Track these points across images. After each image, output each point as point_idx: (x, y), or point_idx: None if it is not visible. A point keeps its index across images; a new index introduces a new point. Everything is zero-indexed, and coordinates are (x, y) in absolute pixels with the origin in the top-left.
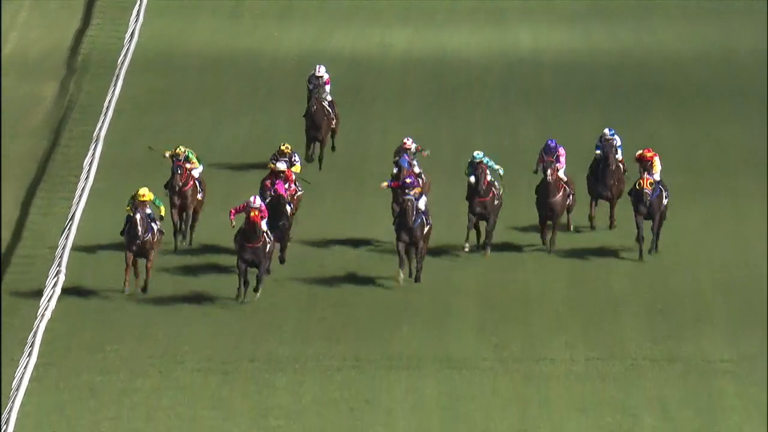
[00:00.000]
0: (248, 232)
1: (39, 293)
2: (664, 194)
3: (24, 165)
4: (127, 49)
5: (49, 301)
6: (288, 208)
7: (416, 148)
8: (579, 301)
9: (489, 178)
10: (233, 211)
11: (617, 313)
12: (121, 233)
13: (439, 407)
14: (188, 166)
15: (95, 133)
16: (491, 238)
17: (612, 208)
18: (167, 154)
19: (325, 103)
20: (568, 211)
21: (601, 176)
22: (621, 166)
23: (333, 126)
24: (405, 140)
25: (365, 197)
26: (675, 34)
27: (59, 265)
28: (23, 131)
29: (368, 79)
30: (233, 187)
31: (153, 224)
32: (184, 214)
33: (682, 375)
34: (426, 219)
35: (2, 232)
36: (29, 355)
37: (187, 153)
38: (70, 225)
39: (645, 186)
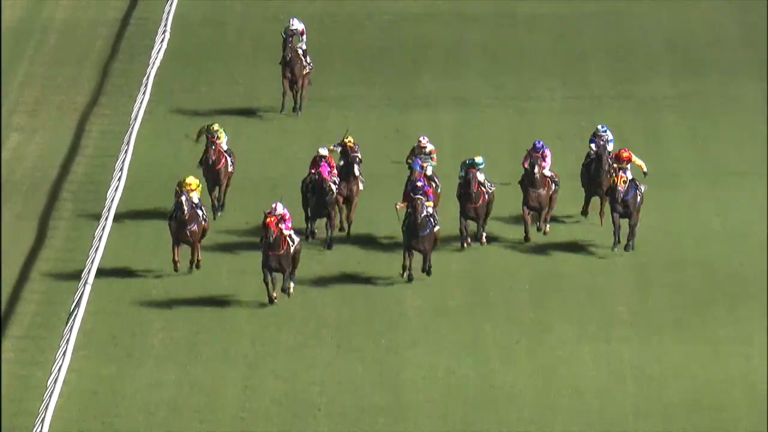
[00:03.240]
0: (266, 239)
1: (148, 54)
2: (639, 193)
3: None
4: None
5: (157, 53)
6: (333, 187)
7: (431, 151)
8: (559, 54)
9: (480, 179)
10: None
11: (586, 62)
12: (169, 219)
13: (451, 135)
14: (218, 142)
15: None
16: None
17: (602, 204)
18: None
19: (300, 52)
20: (550, 207)
21: (594, 175)
22: (611, 163)
23: (306, 72)
24: (420, 139)
25: None
26: None
27: (163, 32)
28: None
29: None
30: None
31: (199, 211)
32: (218, 189)
33: (635, 109)
34: (434, 222)
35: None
36: (143, 92)
37: (219, 131)
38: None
39: (619, 184)
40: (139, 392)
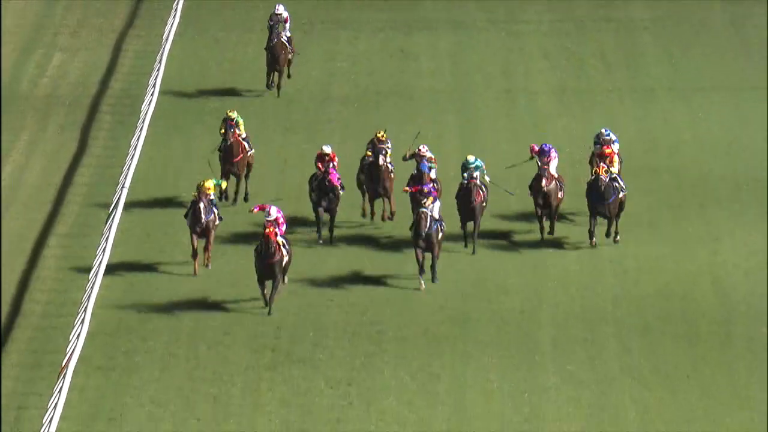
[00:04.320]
0: (266, 249)
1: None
2: (621, 193)
3: None
4: None
5: None
6: (340, 192)
7: (430, 158)
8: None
9: (477, 181)
10: (257, 208)
11: None
12: (185, 216)
13: (449, 55)
14: (238, 131)
15: None
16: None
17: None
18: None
19: (284, 38)
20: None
21: None
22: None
23: (290, 57)
24: (420, 148)
25: None
26: None
27: None
28: None
29: None
30: None
31: (214, 208)
32: (236, 180)
33: (615, 31)
34: (440, 226)
35: None
36: (173, 16)
37: (237, 118)
38: None
39: (601, 173)
40: (171, 283)
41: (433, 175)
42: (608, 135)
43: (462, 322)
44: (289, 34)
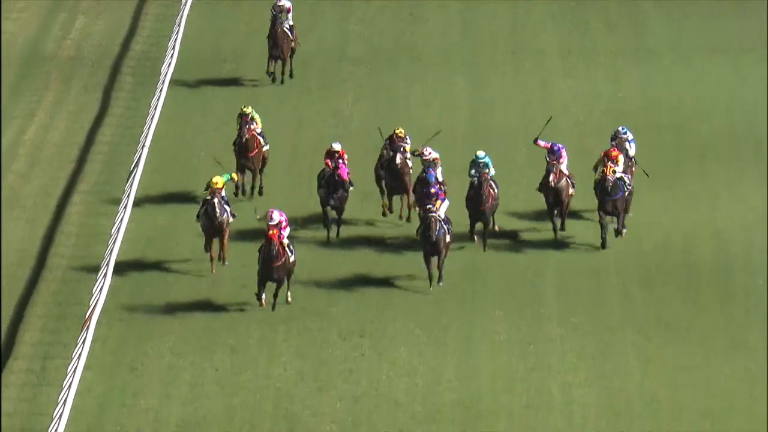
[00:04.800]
0: (268, 251)
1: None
2: (627, 191)
3: None
4: None
5: None
6: (350, 188)
7: (434, 159)
8: None
9: (489, 176)
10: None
11: None
12: (197, 217)
13: (459, 17)
14: (253, 126)
15: None
16: (489, 229)
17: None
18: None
19: (286, 28)
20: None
21: None
22: (632, 160)
23: (293, 46)
24: (423, 150)
25: None
26: None
27: None
28: None
29: None
30: None
31: (226, 206)
32: (252, 175)
33: None
34: (447, 228)
35: None
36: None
37: (252, 113)
38: None
39: (608, 173)
40: (190, 238)
41: (439, 176)
42: (625, 133)
43: (470, 276)
44: (291, 23)
